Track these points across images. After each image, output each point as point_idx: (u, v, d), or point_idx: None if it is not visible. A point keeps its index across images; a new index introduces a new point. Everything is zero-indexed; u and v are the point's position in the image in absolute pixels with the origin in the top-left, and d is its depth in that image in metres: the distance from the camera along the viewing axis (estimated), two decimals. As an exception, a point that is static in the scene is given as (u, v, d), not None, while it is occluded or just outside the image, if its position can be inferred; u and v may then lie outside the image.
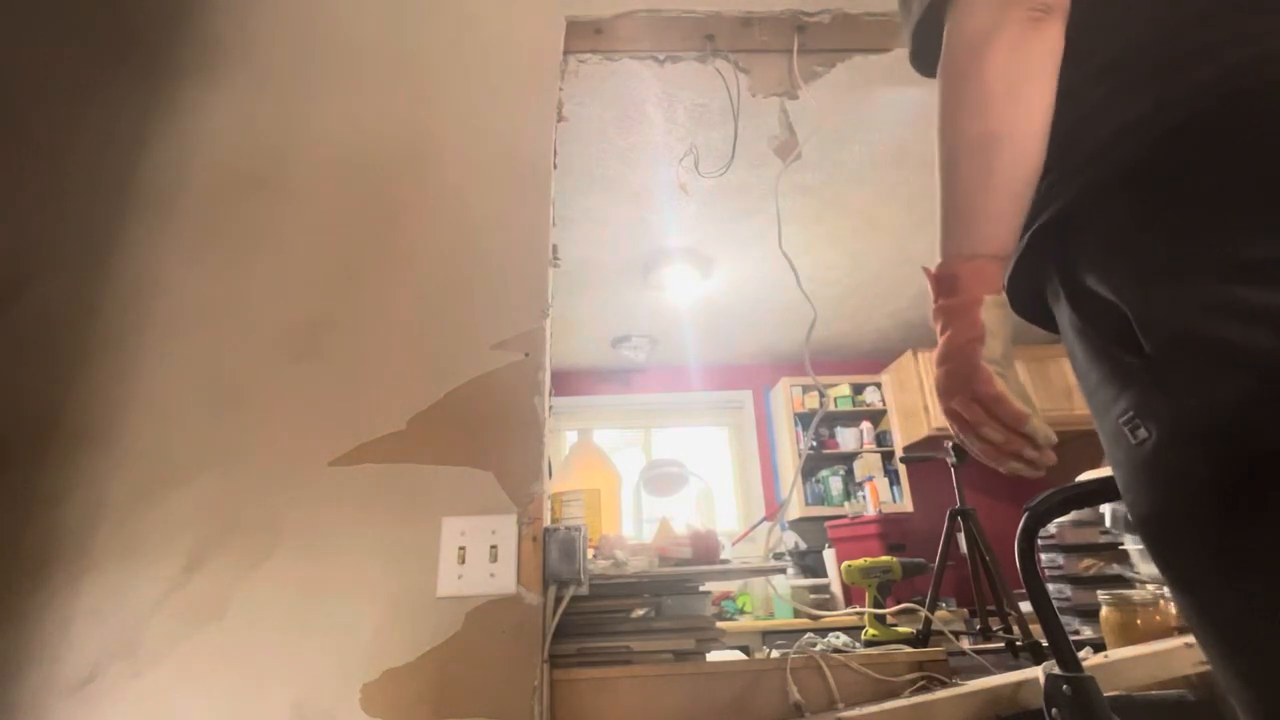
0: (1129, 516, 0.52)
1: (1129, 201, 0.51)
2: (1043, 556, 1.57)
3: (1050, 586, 1.51)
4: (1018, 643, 1.35)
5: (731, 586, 3.27)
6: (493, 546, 0.97)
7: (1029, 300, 0.65)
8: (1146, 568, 1.28)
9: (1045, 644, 0.82)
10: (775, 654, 1.05)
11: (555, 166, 1.28)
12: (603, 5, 1.37)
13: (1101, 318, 0.53)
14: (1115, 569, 1.46)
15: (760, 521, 3.20)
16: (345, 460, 1.01)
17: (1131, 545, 1.33)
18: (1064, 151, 0.55)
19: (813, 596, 3.21)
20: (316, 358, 1.08)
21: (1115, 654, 1.05)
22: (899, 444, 3.84)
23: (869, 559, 1.51)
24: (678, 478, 2.00)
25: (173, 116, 1.24)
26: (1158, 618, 1.14)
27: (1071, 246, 0.56)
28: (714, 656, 1.06)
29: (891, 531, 3.23)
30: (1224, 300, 0.44)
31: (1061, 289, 0.58)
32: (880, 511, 3.46)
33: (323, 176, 1.21)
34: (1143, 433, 0.48)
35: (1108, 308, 0.52)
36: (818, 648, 1.10)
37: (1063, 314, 0.59)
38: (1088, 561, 1.51)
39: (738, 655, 1.32)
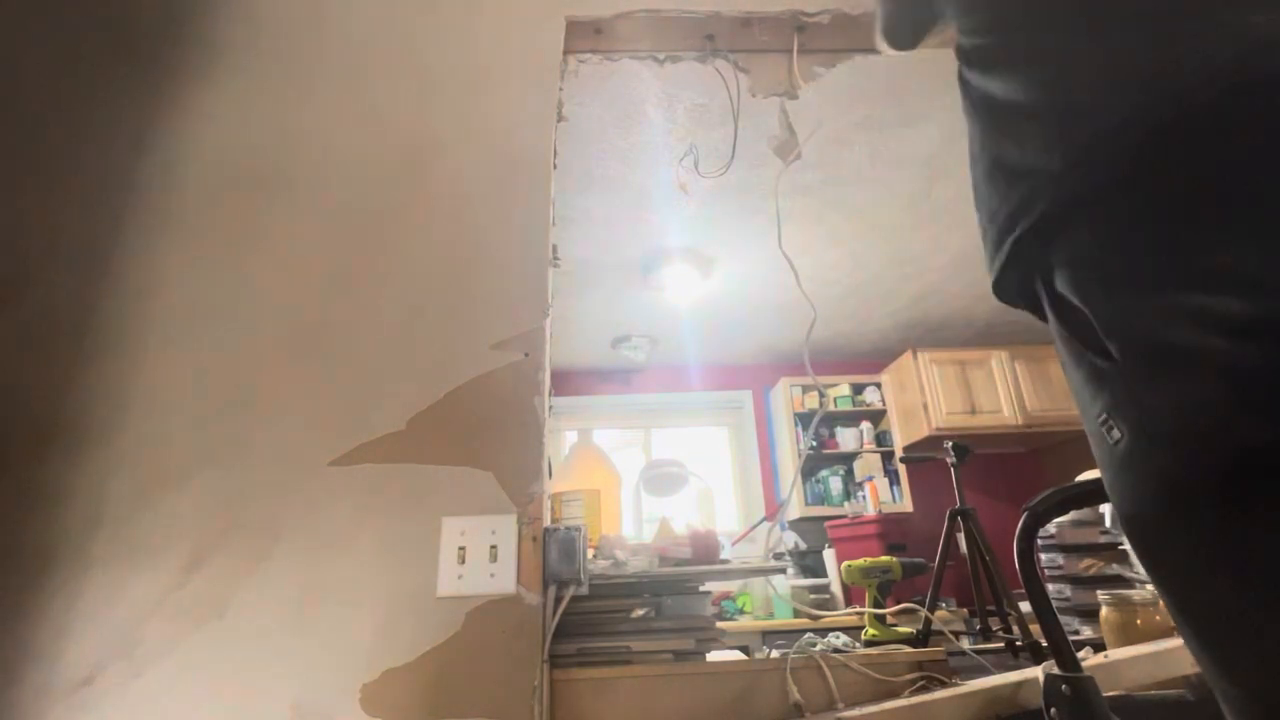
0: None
1: (1098, 211, 0.52)
2: (1043, 556, 1.57)
3: (1050, 586, 1.51)
4: (1017, 643, 1.35)
5: (731, 586, 3.27)
6: (493, 546, 0.97)
7: (1024, 302, 0.65)
8: (1146, 568, 1.28)
9: (1045, 644, 0.82)
10: (775, 654, 1.05)
11: (555, 166, 1.28)
12: (603, 5, 1.37)
13: (1078, 324, 0.54)
14: (1115, 569, 1.45)
15: (760, 521, 3.20)
16: (345, 460, 1.01)
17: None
18: (1038, 160, 0.56)
19: (813, 596, 3.21)
20: (316, 358, 1.08)
21: (1115, 654, 1.05)
22: (899, 444, 3.84)
23: (869, 559, 1.50)
24: (678, 478, 2.00)
25: (173, 116, 1.24)
26: (1157, 618, 1.14)
27: (1047, 253, 0.57)
28: (714, 656, 1.06)
29: (891, 531, 3.23)
30: (1184, 307, 0.45)
31: (1044, 294, 0.59)
32: (880, 511, 3.46)
33: (323, 176, 1.21)
34: (1116, 433, 0.50)
35: (1081, 313, 0.53)
36: (818, 648, 1.10)
37: (1050, 318, 0.60)
38: (1087, 561, 1.50)
39: (738, 655, 1.32)
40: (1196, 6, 0.49)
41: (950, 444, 1.74)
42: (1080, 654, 0.96)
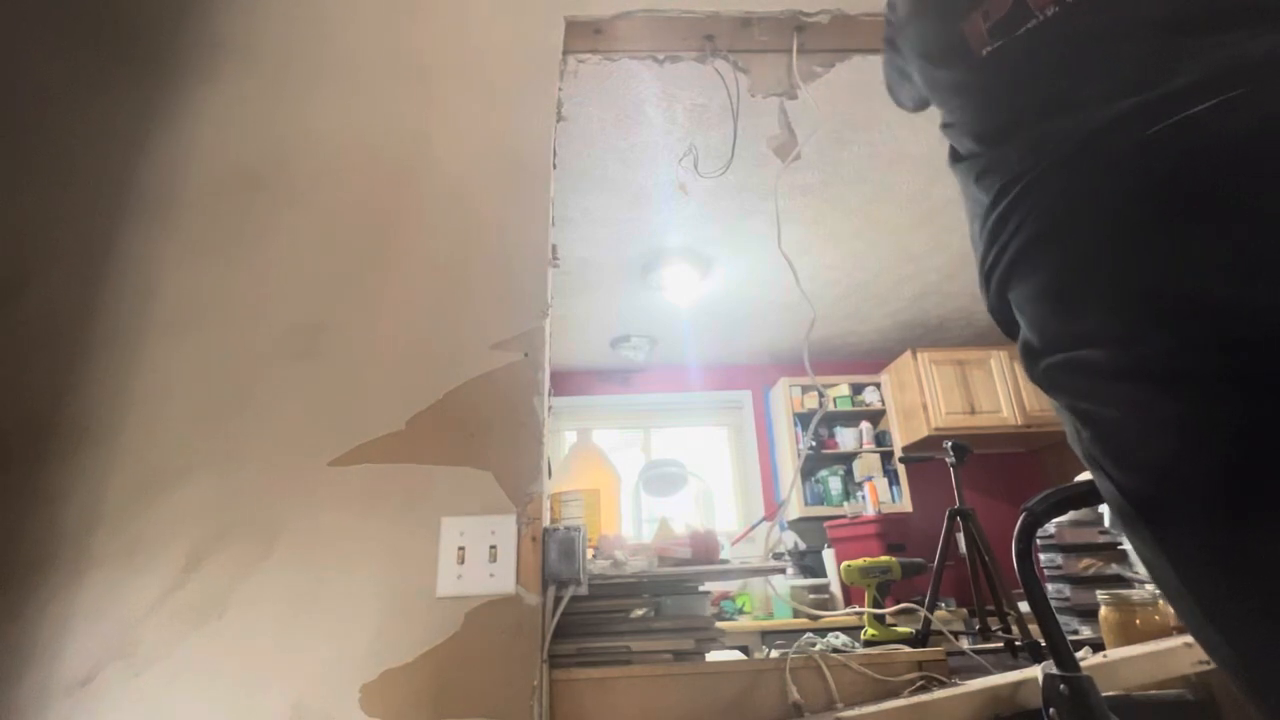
0: None
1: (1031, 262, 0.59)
2: (1042, 556, 1.57)
3: (1049, 586, 1.52)
4: (1017, 643, 1.35)
5: (731, 586, 3.27)
6: (492, 546, 0.97)
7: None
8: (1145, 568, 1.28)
9: (1044, 644, 0.82)
10: (774, 654, 1.05)
11: (555, 166, 1.28)
12: (602, 5, 1.37)
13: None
14: (1114, 569, 1.45)
15: (760, 521, 3.20)
16: (345, 460, 1.01)
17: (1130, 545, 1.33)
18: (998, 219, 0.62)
19: (812, 596, 3.22)
20: (316, 358, 1.08)
21: (1114, 654, 1.05)
22: (898, 444, 3.84)
23: (868, 559, 1.51)
24: (677, 478, 2.00)
25: (173, 117, 1.24)
26: (1156, 618, 1.14)
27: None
28: (713, 656, 1.06)
29: (891, 531, 3.23)
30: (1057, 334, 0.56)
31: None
32: (880, 511, 3.47)
33: (322, 176, 1.21)
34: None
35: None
36: (817, 648, 1.10)
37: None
38: (1086, 561, 1.50)
39: (737, 655, 1.32)
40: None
41: (949, 444, 1.74)
42: (1079, 654, 0.97)
